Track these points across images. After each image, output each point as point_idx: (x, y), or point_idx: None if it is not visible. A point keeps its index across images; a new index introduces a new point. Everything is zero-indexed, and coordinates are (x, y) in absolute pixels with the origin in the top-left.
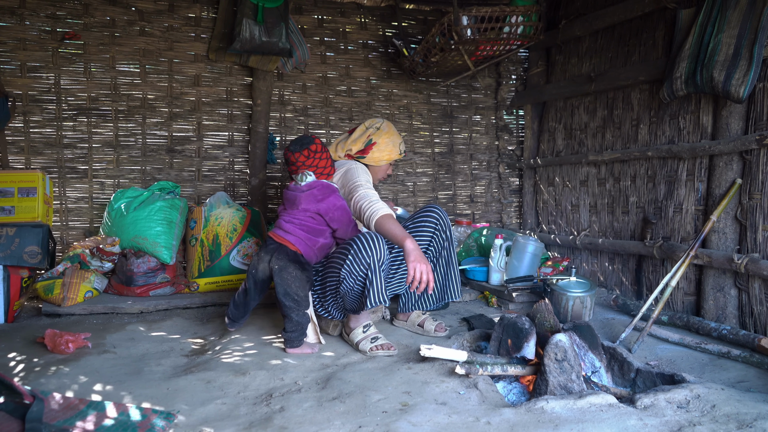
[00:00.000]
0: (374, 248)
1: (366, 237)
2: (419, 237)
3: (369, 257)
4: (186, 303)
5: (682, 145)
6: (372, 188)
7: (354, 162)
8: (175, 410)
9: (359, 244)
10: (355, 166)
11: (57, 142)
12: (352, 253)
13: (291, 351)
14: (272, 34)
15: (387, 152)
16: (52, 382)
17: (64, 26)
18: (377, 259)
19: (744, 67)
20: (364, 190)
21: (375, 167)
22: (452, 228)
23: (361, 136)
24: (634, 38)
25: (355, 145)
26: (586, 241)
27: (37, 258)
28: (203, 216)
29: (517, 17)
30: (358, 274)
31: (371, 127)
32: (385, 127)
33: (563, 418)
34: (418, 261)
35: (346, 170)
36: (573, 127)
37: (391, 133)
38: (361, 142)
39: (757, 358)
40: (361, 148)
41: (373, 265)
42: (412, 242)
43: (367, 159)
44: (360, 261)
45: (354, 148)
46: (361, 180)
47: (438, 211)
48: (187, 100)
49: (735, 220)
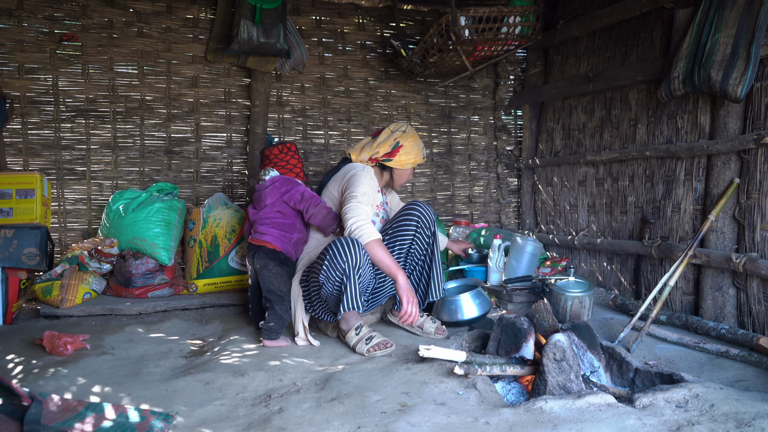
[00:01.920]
0: (350, 254)
1: (342, 242)
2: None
3: (344, 263)
4: (185, 304)
5: (680, 145)
6: (367, 204)
7: (363, 169)
8: (174, 411)
9: (335, 249)
10: (361, 173)
11: (55, 143)
12: (328, 258)
13: (268, 343)
14: (270, 35)
15: (413, 155)
16: (50, 384)
17: (62, 28)
18: (353, 265)
19: (741, 66)
20: (356, 203)
21: (400, 171)
22: (451, 228)
23: (387, 139)
24: (632, 38)
25: (381, 147)
26: (584, 241)
27: (36, 260)
28: (202, 217)
29: (515, 17)
30: (335, 280)
31: (397, 131)
32: (410, 131)
33: (562, 418)
34: (410, 297)
35: (351, 176)
36: (571, 127)
37: (416, 136)
38: (388, 144)
39: (756, 357)
40: (389, 151)
41: (348, 271)
42: (404, 277)
43: (393, 162)
44: (336, 266)
45: (381, 151)
46: (359, 191)
47: (420, 209)
48: (185, 102)
49: (733, 219)
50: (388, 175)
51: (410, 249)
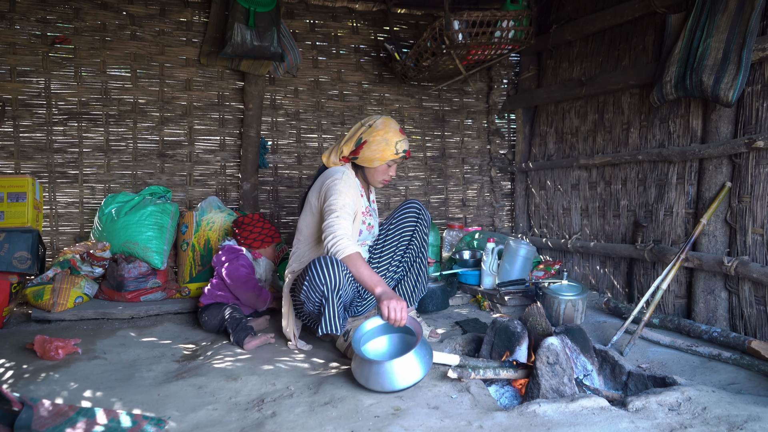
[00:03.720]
0: (329, 275)
1: (322, 263)
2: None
3: (323, 285)
4: (177, 308)
5: (672, 149)
6: (346, 217)
7: (342, 175)
8: (166, 416)
9: (315, 270)
10: (339, 181)
11: (47, 146)
12: (308, 278)
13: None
14: (264, 39)
15: (379, 152)
16: (41, 389)
17: (55, 30)
18: (332, 288)
19: (733, 71)
20: (333, 218)
21: (370, 169)
22: (444, 231)
23: (353, 136)
24: (625, 43)
25: (346, 146)
26: (577, 245)
27: (27, 263)
28: (195, 220)
29: (509, 22)
30: (315, 300)
31: (364, 125)
32: (379, 125)
33: (555, 422)
34: (389, 301)
35: (329, 186)
36: (564, 131)
37: (385, 130)
38: (353, 142)
39: (748, 360)
40: (353, 149)
41: (327, 293)
42: (381, 287)
43: (359, 160)
44: (315, 288)
45: (346, 150)
46: (337, 204)
47: (418, 206)
48: (178, 105)
49: (725, 223)
50: (361, 173)
51: (410, 244)
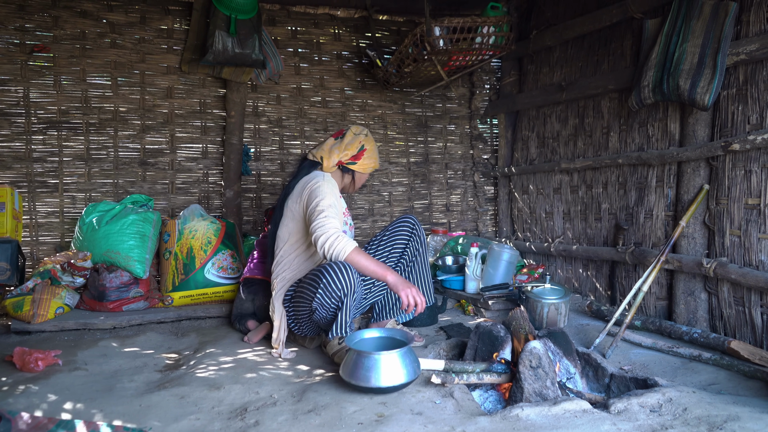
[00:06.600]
0: (344, 280)
1: (336, 269)
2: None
3: (340, 290)
4: (160, 317)
5: (651, 152)
6: (334, 216)
7: (323, 177)
8: (148, 427)
9: (330, 276)
10: (322, 183)
11: (26, 156)
12: (323, 286)
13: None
14: (245, 46)
15: (374, 159)
16: (20, 402)
17: (34, 39)
18: (348, 292)
19: (708, 75)
20: (323, 217)
21: (361, 175)
22: (429, 237)
23: (353, 141)
24: (603, 48)
25: (349, 149)
26: (560, 248)
27: (6, 274)
28: (177, 229)
29: (489, 27)
30: (330, 306)
31: (360, 134)
32: (370, 135)
33: (538, 425)
34: (405, 288)
35: (313, 188)
36: (545, 135)
37: (374, 141)
38: (355, 147)
39: (728, 361)
40: (355, 153)
41: (344, 297)
42: (393, 275)
43: (357, 165)
44: (332, 294)
45: (348, 153)
46: (324, 204)
47: (412, 220)
48: (159, 113)
49: (703, 225)
50: (349, 177)
51: (402, 255)
